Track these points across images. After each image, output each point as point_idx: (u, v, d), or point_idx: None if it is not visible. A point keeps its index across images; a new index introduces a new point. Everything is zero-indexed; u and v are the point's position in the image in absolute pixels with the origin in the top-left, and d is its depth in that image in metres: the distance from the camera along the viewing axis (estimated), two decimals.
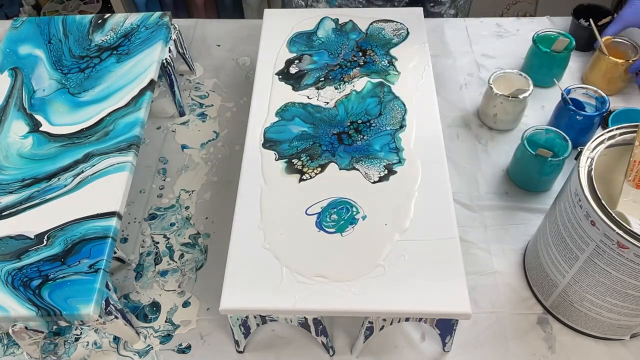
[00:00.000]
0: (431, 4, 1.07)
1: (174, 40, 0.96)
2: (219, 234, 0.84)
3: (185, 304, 0.77)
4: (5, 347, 0.74)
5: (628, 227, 0.57)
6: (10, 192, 0.72)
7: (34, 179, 0.73)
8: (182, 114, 1.00)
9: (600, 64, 0.96)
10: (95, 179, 0.73)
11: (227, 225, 0.69)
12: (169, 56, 0.93)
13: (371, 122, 0.79)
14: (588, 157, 0.64)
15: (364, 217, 0.69)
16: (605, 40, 0.96)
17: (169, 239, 0.84)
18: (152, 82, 0.84)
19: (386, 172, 0.73)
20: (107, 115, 0.80)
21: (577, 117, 0.87)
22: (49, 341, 0.74)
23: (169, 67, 0.93)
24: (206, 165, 0.93)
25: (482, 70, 1.05)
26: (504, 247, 0.82)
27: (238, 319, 0.68)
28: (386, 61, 0.87)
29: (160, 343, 0.74)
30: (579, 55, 1.06)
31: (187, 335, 0.75)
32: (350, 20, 0.93)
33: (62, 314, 0.61)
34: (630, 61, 0.94)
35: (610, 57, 0.94)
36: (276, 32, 0.92)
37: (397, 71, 0.86)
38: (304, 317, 0.66)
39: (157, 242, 0.84)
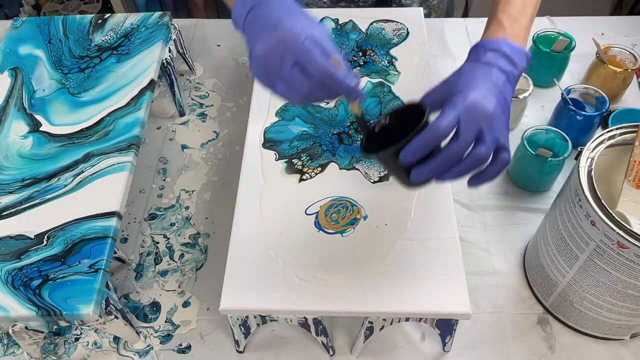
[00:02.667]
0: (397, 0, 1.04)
1: (174, 40, 0.96)
2: (219, 234, 0.84)
3: (185, 304, 0.77)
4: (5, 347, 0.74)
5: (628, 227, 0.57)
6: (10, 192, 0.72)
7: (34, 179, 0.73)
8: (182, 114, 1.00)
9: (598, 72, 0.96)
10: (95, 179, 0.73)
11: (227, 225, 0.69)
12: (169, 56, 0.93)
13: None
14: (588, 157, 0.64)
15: (365, 217, 0.69)
16: (604, 48, 0.95)
17: (169, 239, 0.84)
18: (152, 82, 0.84)
19: (386, 172, 0.73)
20: (107, 115, 0.80)
21: (577, 117, 0.87)
22: (49, 341, 0.74)
23: (169, 67, 0.93)
24: (206, 165, 0.93)
25: None
26: (504, 247, 0.82)
27: (238, 319, 0.68)
28: (386, 61, 0.87)
29: (160, 343, 0.74)
30: (580, 56, 1.06)
31: (187, 335, 0.75)
32: (350, 20, 0.93)
33: (62, 314, 0.61)
34: (629, 70, 0.93)
35: (608, 66, 0.94)
36: None
37: (397, 71, 0.86)
38: (304, 317, 0.66)
39: (157, 242, 0.84)
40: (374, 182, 0.72)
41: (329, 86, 0.53)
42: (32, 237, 0.68)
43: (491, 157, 0.54)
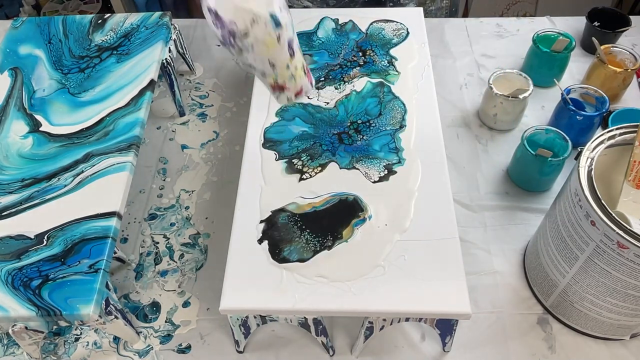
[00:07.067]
0: (391, 4, 1.04)
1: (174, 40, 0.96)
2: (219, 234, 0.84)
3: (185, 304, 0.77)
4: (5, 347, 0.74)
5: (628, 227, 0.57)
6: (10, 192, 0.72)
7: (34, 179, 0.73)
8: (182, 114, 1.00)
9: (598, 72, 0.96)
10: (95, 179, 0.73)
11: (227, 225, 0.69)
12: (169, 56, 0.93)
13: (371, 122, 0.79)
14: (588, 157, 0.64)
15: (369, 217, 0.69)
16: (604, 48, 0.95)
17: (169, 239, 0.84)
18: (152, 82, 0.84)
19: (386, 172, 0.73)
20: (107, 115, 0.80)
21: (577, 117, 0.87)
22: (49, 341, 0.74)
23: (169, 67, 0.93)
24: (206, 165, 0.93)
25: (482, 70, 1.05)
26: (504, 247, 0.82)
27: (238, 319, 0.68)
28: (386, 61, 0.87)
29: (160, 343, 0.74)
30: (580, 56, 1.06)
31: (187, 335, 0.75)
32: (350, 20, 0.93)
33: (62, 314, 0.61)
34: (629, 70, 0.93)
35: (609, 66, 0.94)
36: None
37: (397, 71, 0.86)
38: (304, 317, 0.66)
39: (157, 242, 0.84)
40: (374, 182, 0.72)
41: None
42: (32, 237, 0.68)
43: None
